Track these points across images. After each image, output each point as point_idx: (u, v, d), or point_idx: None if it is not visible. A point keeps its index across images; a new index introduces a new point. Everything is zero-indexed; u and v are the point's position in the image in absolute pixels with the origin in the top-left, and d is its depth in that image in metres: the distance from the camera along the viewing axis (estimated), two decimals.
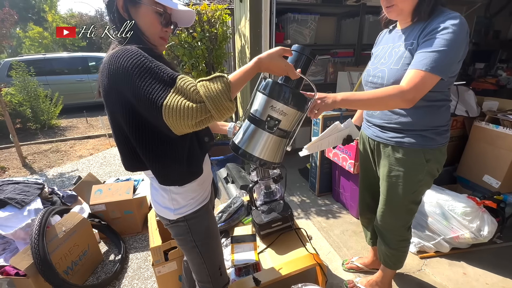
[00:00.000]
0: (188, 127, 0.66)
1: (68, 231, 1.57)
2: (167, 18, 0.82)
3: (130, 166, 0.86)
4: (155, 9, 0.78)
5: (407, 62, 0.96)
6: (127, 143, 0.81)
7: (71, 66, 6.95)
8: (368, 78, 1.15)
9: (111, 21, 0.79)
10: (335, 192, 2.42)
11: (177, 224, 0.94)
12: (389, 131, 1.11)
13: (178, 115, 0.64)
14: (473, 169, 2.11)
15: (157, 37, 0.83)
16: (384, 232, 1.28)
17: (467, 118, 2.16)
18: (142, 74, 0.66)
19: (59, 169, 3.49)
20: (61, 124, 5.82)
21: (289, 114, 0.84)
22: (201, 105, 0.65)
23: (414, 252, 1.76)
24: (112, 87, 0.71)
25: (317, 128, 2.31)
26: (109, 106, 0.77)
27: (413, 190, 1.12)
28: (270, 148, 0.87)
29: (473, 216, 1.60)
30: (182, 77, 0.68)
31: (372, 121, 1.18)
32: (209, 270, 1.00)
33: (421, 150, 1.06)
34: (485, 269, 1.62)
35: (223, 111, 0.67)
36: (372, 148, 1.24)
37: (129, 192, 2.01)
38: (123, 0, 0.76)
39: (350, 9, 3.06)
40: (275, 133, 0.86)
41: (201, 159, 0.91)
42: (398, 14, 1.01)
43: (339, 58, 3.24)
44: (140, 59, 0.68)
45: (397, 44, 1.05)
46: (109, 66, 0.69)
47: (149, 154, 0.79)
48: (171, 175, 0.84)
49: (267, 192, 1.59)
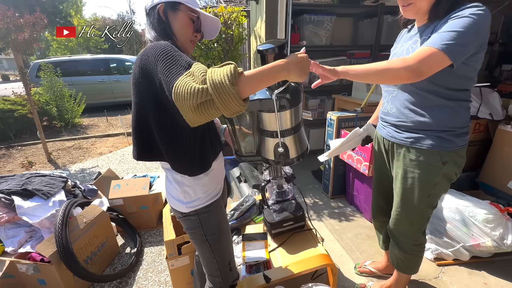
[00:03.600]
0: (190, 108, 0.64)
1: (88, 223, 1.64)
2: (199, 25, 0.94)
3: (142, 155, 0.91)
4: (190, 14, 0.89)
5: None
6: (145, 131, 0.87)
7: (94, 68, 7.28)
8: None
9: (149, 23, 0.90)
10: (348, 194, 2.38)
11: (188, 217, 0.97)
12: (405, 131, 1.08)
13: (182, 96, 0.64)
14: (497, 175, 2.01)
15: (188, 40, 0.93)
16: (398, 236, 1.25)
17: (491, 121, 2.06)
18: (165, 59, 0.73)
19: (81, 165, 3.67)
20: (83, 123, 6.10)
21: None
22: (203, 87, 0.64)
23: (431, 258, 1.70)
24: (142, 74, 0.79)
25: (332, 130, 2.28)
26: (138, 94, 0.84)
27: (428, 193, 1.09)
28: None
29: (495, 223, 1.52)
30: (198, 63, 0.71)
31: (388, 119, 1.16)
32: (218, 264, 1.02)
33: (437, 152, 1.02)
34: (509, 280, 1.53)
35: (224, 95, 0.64)
36: (387, 149, 1.21)
37: (145, 188, 2.08)
38: (164, 6, 0.86)
39: (368, 10, 3.01)
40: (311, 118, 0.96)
41: (211, 155, 0.95)
42: (415, 13, 1.00)
43: (355, 60, 3.19)
44: (167, 47, 0.75)
45: (414, 40, 1.04)
46: (142, 56, 0.79)
47: (165, 137, 0.85)
48: (183, 162, 0.89)
49: (279, 192, 1.59)
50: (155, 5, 0.87)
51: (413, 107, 1.04)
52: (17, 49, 3.34)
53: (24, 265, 1.42)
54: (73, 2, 15.08)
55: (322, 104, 3.30)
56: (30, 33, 3.24)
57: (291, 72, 0.73)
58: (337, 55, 3.12)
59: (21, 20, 3.21)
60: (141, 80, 0.80)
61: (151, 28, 0.90)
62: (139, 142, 0.90)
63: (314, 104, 3.28)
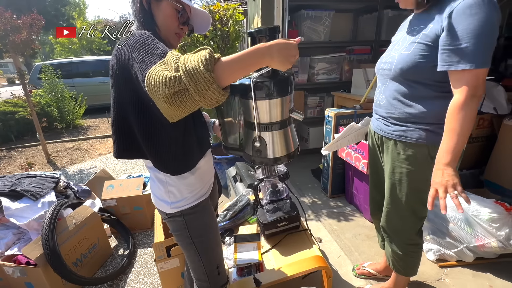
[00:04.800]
0: (163, 99, 0.59)
1: (78, 224, 1.61)
2: (185, 17, 0.87)
3: (122, 152, 0.86)
4: (175, 5, 0.83)
5: (421, 48, 0.89)
6: (125, 127, 0.83)
7: (95, 69, 7.31)
8: (380, 65, 1.09)
9: (133, 14, 0.85)
10: (348, 193, 2.31)
11: (173, 218, 0.92)
12: (393, 124, 1.03)
13: (155, 86, 0.59)
14: (503, 172, 1.92)
15: (172, 32, 0.87)
16: (391, 234, 1.19)
17: (495, 116, 1.98)
18: (140, 48, 0.68)
19: (79, 166, 3.65)
20: (84, 124, 6.11)
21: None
22: (175, 75, 0.58)
23: (433, 260, 1.63)
24: (119, 66, 0.74)
25: (330, 127, 2.22)
26: (116, 88, 0.79)
27: (418, 189, 1.03)
28: (295, 134, 0.88)
29: (501, 223, 1.44)
30: (173, 51, 0.65)
31: (379, 111, 1.10)
32: (206, 268, 0.97)
33: (425, 145, 0.96)
34: None
35: (199, 83, 0.58)
36: (377, 143, 1.16)
37: (139, 188, 2.04)
38: None
39: (367, 4, 2.94)
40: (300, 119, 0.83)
41: (196, 153, 0.89)
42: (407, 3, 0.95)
43: (355, 56, 3.12)
44: (143, 36, 0.71)
45: (411, 29, 0.97)
46: (119, 48, 0.74)
47: (145, 133, 0.80)
48: (164, 160, 0.83)
49: (273, 191, 1.54)
50: None
51: (402, 98, 0.98)
52: (15, 51, 3.33)
53: (10, 268, 1.39)
54: (76, 5, 15.21)
55: (321, 102, 3.23)
56: (27, 34, 3.24)
57: (274, 58, 0.64)
58: (337, 51, 3.04)
59: (19, 21, 3.21)
60: (118, 72, 0.76)
61: (134, 16, 0.85)
62: (119, 139, 0.86)
63: (314, 102, 3.21)
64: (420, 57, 0.89)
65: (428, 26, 0.88)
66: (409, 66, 0.91)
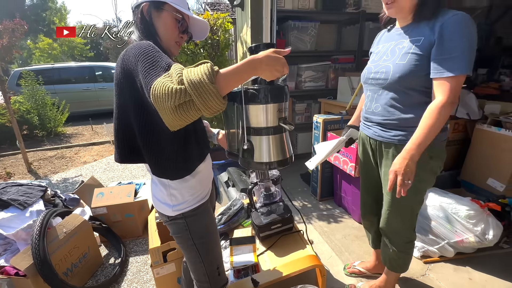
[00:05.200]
0: (169, 110, 0.63)
1: (68, 233, 1.57)
2: (185, 26, 0.92)
3: (124, 157, 0.88)
4: (175, 15, 0.87)
5: (415, 57, 0.98)
6: (127, 133, 0.85)
7: (79, 75, 7.13)
8: (369, 75, 1.16)
9: (135, 24, 0.89)
10: (336, 196, 2.39)
11: (175, 221, 0.94)
12: (391, 129, 1.10)
13: (160, 97, 0.62)
14: (477, 173, 2.08)
15: (173, 41, 0.91)
16: (390, 235, 1.25)
17: (468, 121, 2.14)
18: (145, 60, 0.71)
19: (63, 175, 3.54)
20: (67, 132, 5.92)
21: (286, 107, 0.87)
22: (181, 87, 0.62)
23: (418, 256, 1.72)
24: (124, 75, 0.78)
25: (318, 132, 2.31)
26: (120, 95, 0.82)
27: (418, 189, 1.11)
28: (289, 143, 0.92)
29: (477, 219, 1.56)
30: (177, 64, 0.69)
31: (373, 119, 1.17)
32: (206, 269, 0.99)
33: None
34: (492, 275, 1.57)
35: (204, 94, 0.63)
36: (374, 148, 1.22)
37: (130, 195, 2.02)
38: (148, 5, 0.85)
39: (350, 16, 3.11)
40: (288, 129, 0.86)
41: (196, 158, 0.93)
42: (398, 12, 1.02)
43: (339, 64, 3.27)
44: (148, 48, 0.74)
45: (399, 41, 1.06)
46: (123, 56, 0.78)
47: (147, 141, 0.83)
48: (164, 167, 0.86)
49: (266, 194, 1.58)
50: (139, 3, 0.86)
51: (398, 105, 1.06)
52: None
53: None
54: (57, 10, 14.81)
55: (309, 108, 3.34)
56: (9, 39, 3.15)
57: (264, 71, 0.71)
58: (322, 60, 3.18)
59: (0, 26, 3.12)
60: (122, 81, 0.79)
61: (135, 27, 0.89)
62: (122, 145, 0.88)
63: (301, 108, 3.32)
64: (415, 66, 0.98)
65: (420, 38, 0.98)
66: (406, 74, 1.00)
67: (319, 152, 1.44)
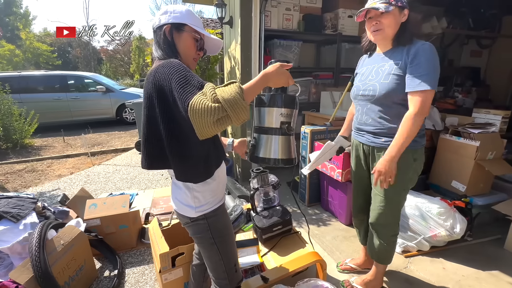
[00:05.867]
0: (208, 124, 0.75)
1: (66, 245, 1.53)
2: (202, 44, 1.03)
3: (151, 164, 0.96)
4: (194, 35, 0.98)
5: (396, 77, 1.20)
6: (155, 141, 0.93)
7: (49, 84, 6.73)
8: (359, 92, 1.36)
9: (156, 42, 0.97)
10: (323, 201, 2.57)
11: (197, 222, 1.02)
12: (382, 136, 1.30)
13: (200, 113, 0.74)
14: (442, 176, 2.38)
15: (191, 58, 1.02)
16: (380, 229, 1.42)
17: (434, 132, 2.47)
18: (179, 78, 0.81)
19: (38, 189, 3.32)
20: (35, 144, 5.52)
21: (291, 114, 1.01)
22: (219, 105, 0.75)
23: (399, 252, 1.93)
24: (155, 90, 0.86)
25: (306, 142, 2.49)
26: (150, 108, 0.90)
27: (404, 187, 1.31)
28: (291, 147, 1.03)
29: (446, 215, 1.82)
30: (209, 84, 0.82)
31: (365, 128, 1.37)
32: (226, 266, 1.07)
33: (410, 150, 1.25)
34: (461, 264, 1.81)
35: (238, 109, 0.76)
36: (367, 153, 1.41)
37: (125, 205, 2.00)
38: (170, 27, 0.95)
39: (328, 37, 3.43)
40: (291, 134, 1.01)
41: (214, 164, 1.02)
42: (383, 38, 1.24)
43: (320, 80, 3.55)
44: (180, 67, 0.84)
45: (381, 64, 1.28)
46: (155, 74, 0.86)
47: (174, 149, 0.91)
48: (188, 172, 0.95)
49: (265, 199, 1.70)
50: (161, 25, 0.96)
51: (387, 116, 1.26)
52: None
53: None
54: (22, 15, 13.94)
55: None
56: None
57: (274, 82, 0.92)
58: (305, 76, 3.44)
59: None
60: (154, 95, 0.87)
61: (158, 47, 0.97)
62: (149, 152, 0.95)
63: None
64: (396, 84, 1.20)
65: (399, 61, 1.20)
66: (390, 91, 1.21)
67: (312, 158, 1.61)
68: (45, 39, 15.21)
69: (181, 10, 0.96)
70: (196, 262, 1.32)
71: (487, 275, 1.71)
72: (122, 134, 6.38)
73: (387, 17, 1.18)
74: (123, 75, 18.40)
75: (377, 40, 1.28)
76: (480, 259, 1.85)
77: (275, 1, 3.03)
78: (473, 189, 2.17)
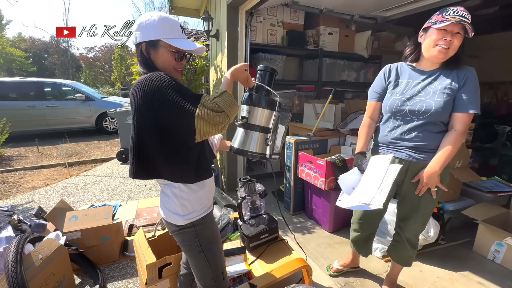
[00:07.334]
0: (216, 130, 0.89)
1: (45, 259, 1.47)
2: (180, 55, 1.02)
3: (138, 173, 0.98)
4: (171, 48, 0.98)
5: (447, 98, 1.24)
6: (144, 151, 0.96)
7: (22, 91, 6.43)
8: (404, 107, 1.33)
9: (137, 59, 1.00)
10: (308, 210, 2.63)
11: (184, 230, 1.04)
12: (424, 152, 1.33)
13: (209, 122, 0.86)
14: None
15: (172, 69, 1.02)
16: (413, 238, 1.51)
17: None
18: (174, 93, 0.87)
19: (10, 201, 3.12)
20: (5, 154, 5.21)
21: (252, 111, 1.02)
22: (223, 114, 0.88)
23: (380, 256, 2.02)
24: (145, 102, 0.89)
25: (290, 152, 2.57)
26: (139, 119, 0.93)
27: (437, 196, 1.38)
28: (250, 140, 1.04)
29: None
30: (204, 95, 0.90)
31: (405, 144, 1.36)
32: (213, 274, 1.09)
33: (447, 165, 1.33)
34: (435, 266, 1.93)
35: (235, 112, 0.92)
36: (402, 169, 1.35)
37: (108, 217, 1.95)
38: (146, 45, 0.96)
39: (310, 52, 3.61)
40: (250, 128, 1.03)
41: (209, 164, 1.08)
42: (445, 57, 1.23)
43: (303, 92, 3.70)
44: (171, 82, 0.89)
45: (429, 81, 1.30)
46: (143, 86, 0.88)
47: (168, 156, 0.95)
48: (184, 173, 0.99)
49: (252, 208, 1.74)
50: (137, 43, 0.97)
51: (430, 132, 1.31)
52: None
53: None
54: None
55: None
56: None
57: (237, 77, 1.05)
58: (288, 88, 3.58)
59: None
60: (142, 106, 0.90)
61: (139, 63, 1.00)
62: (138, 162, 0.97)
63: None
64: (447, 104, 1.25)
65: (451, 82, 1.25)
66: (443, 109, 1.25)
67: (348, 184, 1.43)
68: (20, 45, 14.58)
69: (154, 24, 0.94)
70: (183, 272, 1.32)
71: (459, 276, 1.83)
72: (102, 144, 6.17)
73: (460, 40, 1.19)
74: (103, 83, 17.92)
75: (440, 57, 1.23)
76: (453, 261, 1.98)
77: (260, 16, 3.17)
78: (444, 196, 2.33)
